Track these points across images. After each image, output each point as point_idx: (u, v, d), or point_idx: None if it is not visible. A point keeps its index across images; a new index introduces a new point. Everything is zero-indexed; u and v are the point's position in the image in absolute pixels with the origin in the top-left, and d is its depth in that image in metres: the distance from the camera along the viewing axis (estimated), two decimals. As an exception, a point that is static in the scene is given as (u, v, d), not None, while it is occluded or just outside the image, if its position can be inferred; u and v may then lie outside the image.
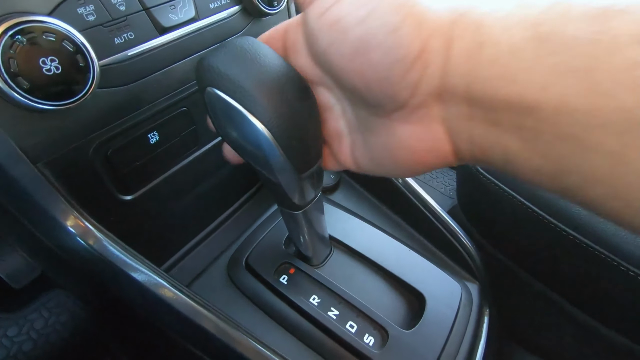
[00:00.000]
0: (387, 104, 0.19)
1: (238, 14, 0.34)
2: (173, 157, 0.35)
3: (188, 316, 0.27)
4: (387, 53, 0.17)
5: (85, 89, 0.24)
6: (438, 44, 0.16)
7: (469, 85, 0.16)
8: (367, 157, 0.23)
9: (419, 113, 0.18)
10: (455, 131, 0.18)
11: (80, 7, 0.24)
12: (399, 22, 0.16)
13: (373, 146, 0.22)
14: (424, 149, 0.20)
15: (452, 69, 0.16)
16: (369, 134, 0.22)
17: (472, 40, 0.16)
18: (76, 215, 0.26)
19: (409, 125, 0.19)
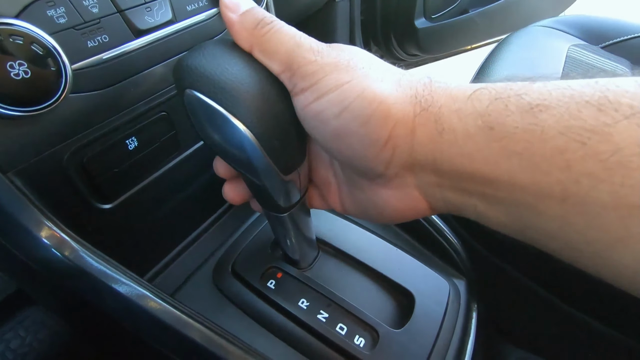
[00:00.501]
0: (367, 173, 0.23)
1: (217, 16, 0.34)
2: (153, 163, 0.34)
3: (174, 327, 0.26)
4: (361, 139, 0.20)
5: (57, 94, 0.23)
6: (403, 131, 0.20)
7: (434, 162, 0.20)
8: (354, 205, 0.27)
9: (396, 181, 0.22)
10: (428, 194, 0.22)
11: (50, 9, 0.23)
12: (367, 117, 0.20)
13: (359, 199, 0.26)
14: (404, 207, 0.23)
15: (417, 149, 0.20)
16: (356, 189, 0.26)
17: (433, 128, 0.19)
18: (50, 225, 0.25)
19: (390, 190, 0.23)
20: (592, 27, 0.75)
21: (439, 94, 0.20)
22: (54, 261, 0.25)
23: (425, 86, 0.21)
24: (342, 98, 0.20)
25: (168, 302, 0.26)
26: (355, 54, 0.22)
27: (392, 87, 0.21)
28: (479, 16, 1.05)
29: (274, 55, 0.22)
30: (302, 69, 0.21)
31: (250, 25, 0.23)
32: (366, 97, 0.20)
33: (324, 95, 0.21)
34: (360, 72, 0.21)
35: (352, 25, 0.97)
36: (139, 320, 0.26)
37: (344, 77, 0.21)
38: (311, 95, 0.21)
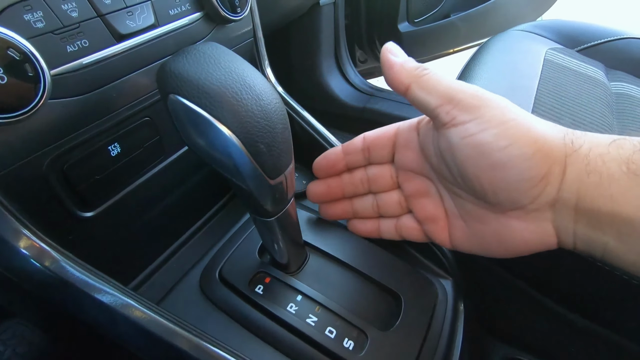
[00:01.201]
0: (507, 205, 0.24)
1: (200, 20, 0.33)
2: (137, 169, 0.34)
3: (160, 336, 0.25)
4: (520, 173, 0.22)
5: (35, 100, 0.22)
6: (557, 170, 0.22)
7: (577, 200, 0.22)
8: (470, 239, 0.29)
9: (533, 215, 0.24)
10: (562, 230, 0.23)
11: (27, 13, 0.22)
12: (532, 153, 0.22)
13: (479, 231, 0.27)
14: (534, 240, 0.25)
15: (565, 188, 0.22)
16: (476, 223, 0.27)
17: (582, 170, 0.21)
18: (29, 235, 0.24)
19: (523, 222, 0.24)
20: (568, 31, 0.78)
21: (583, 138, 0.22)
22: (33, 272, 0.25)
23: (570, 131, 0.23)
24: (509, 133, 0.22)
25: (154, 310, 0.26)
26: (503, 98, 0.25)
27: (549, 129, 0.23)
28: (460, 20, 1.08)
29: (433, 90, 0.25)
30: (465, 102, 0.24)
31: (410, 66, 0.26)
32: (532, 135, 0.22)
33: (490, 129, 0.23)
34: (519, 112, 0.23)
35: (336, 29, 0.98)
36: (124, 330, 0.26)
37: (508, 115, 0.23)
38: (475, 127, 0.23)
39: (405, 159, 0.31)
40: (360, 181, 0.34)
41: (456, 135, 0.24)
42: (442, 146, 0.26)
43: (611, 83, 0.66)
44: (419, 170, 0.30)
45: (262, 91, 0.22)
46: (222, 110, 0.20)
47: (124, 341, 0.27)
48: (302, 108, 0.47)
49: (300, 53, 1.01)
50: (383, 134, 0.32)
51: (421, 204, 0.31)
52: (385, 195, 0.34)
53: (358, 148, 0.33)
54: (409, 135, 0.30)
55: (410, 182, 0.31)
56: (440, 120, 0.25)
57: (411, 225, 0.32)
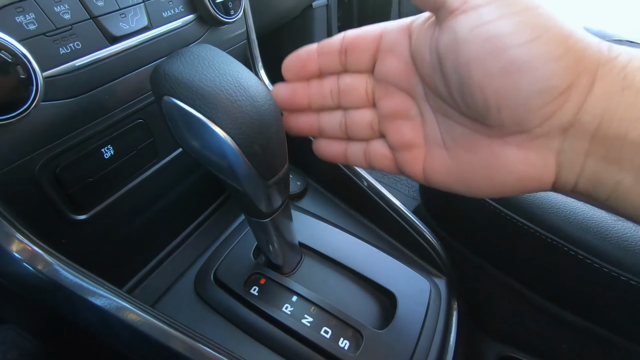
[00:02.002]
0: (509, 127, 0.19)
1: (193, 22, 0.34)
2: (130, 171, 0.34)
3: (155, 338, 0.25)
4: (539, 80, 0.17)
5: (27, 103, 0.22)
6: (584, 82, 0.17)
7: (599, 125, 0.17)
8: (451, 173, 0.23)
9: (538, 141, 0.19)
10: (567, 164, 0.19)
11: (19, 15, 0.22)
12: (562, 53, 0.17)
13: (464, 164, 0.22)
14: (531, 175, 0.20)
15: (588, 108, 0.17)
16: (463, 152, 0.22)
17: (615, 84, 0.17)
18: (21, 238, 0.24)
19: (522, 151, 0.20)
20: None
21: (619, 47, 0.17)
22: (25, 276, 0.24)
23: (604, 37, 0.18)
24: (536, 23, 0.17)
25: (148, 313, 0.26)
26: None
27: (581, 29, 0.18)
28: (451, 23, 1.09)
29: None
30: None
31: None
32: (564, 30, 0.17)
33: (512, 15, 0.17)
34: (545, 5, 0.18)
35: (329, 31, 0.98)
36: (118, 333, 0.26)
37: (534, 2, 0.17)
38: (492, 12, 0.18)
39: (388, 68, 0.25)
40: (330, 92, 0.28)
41: (465, 25, 0.18)
42: (444, 44, 0.20)
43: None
44: (402, 83, 0.25)
45: (257, 93, 0.22)
46: (216, 111, 0.20)
47: (118, 344, 0.27)
48: (296, 110, 0.48)
49: (293, 55, 1.01)
50: (366, 33, 0.26)
51: (397, 126, 0.26)
52: (356, 113, 0.28)
53: (335, 48, 0.27)
54: (397, 37, 0.25)
55: (389, 98, 0.26)
56: (447, 6, 0.19)
57: (382, 152, 0.27)
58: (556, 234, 0.39)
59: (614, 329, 0.40)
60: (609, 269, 0.35)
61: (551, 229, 0.39)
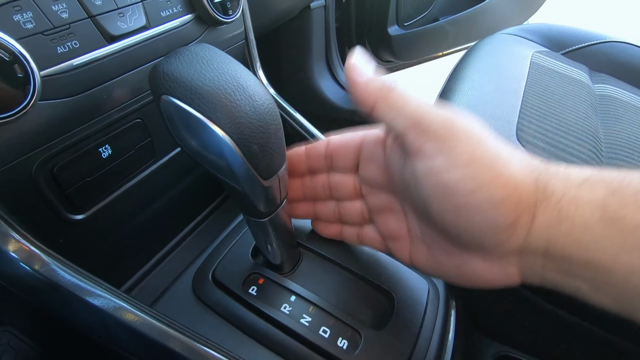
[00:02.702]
0: (471, 247, 0.22)
1: (192, 22, 0.34)
2: (128, 171, 0.33)
3: (154, 338, 0.25)
4: (486, 219, 0.20)
5: (25, 102, 0.22)
6: (526, 218, 0.20)
7: (547, 248, 0.20)
8: (430, 264, 0.27)
9: (499, 260, 0.22)
10: (527, 273, 0.22)
11: (17, 14, 0.22)
12: (502, 199, 0.20)
13: (441, 261, 0.26)
14: (495, 279, 0.23)
15: (533, 235, 0.20)
16: (438, 252, 0.25)
17: (553, 218, 0.20)
18: (18, 238, 0.24)
19: (487, 263, 0.23)
20: (553, 35, 0.80)
21: (555, 179, 0.20)
22: (22, 276, 0.24)
23: (543, 170, 0.21)
24: (478, 175, 0.20)
25: (147, 313, 0.25)
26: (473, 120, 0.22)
27: (520, 171, 0.21)
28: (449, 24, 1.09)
29: (401, 111, 0.22)
30: (434, 129, 0.21)
31: (375, 85, 0.23)
32: (502, 179, 0.20)
33: (457, 169, 0.20)
34: (491, 148, 0.21)
35: (327, 32, 0.98)
36: (116, 333, 0.26)
37: (479, 152, 0.20)
38: (442, 164, 0.21)
39: (370, 174, 0.28)
40: (322, 187, 0.32)
41: (421, 170, 0.22)
42: (407, 176, 0.23)
43: (595, 85, 0.68)
44: (384, 186, 0.28)
45: (255, 92, 0.22)
46: (215, 111, 0.20)
47: (117, 345, 0.27)
48: (294, 110, 0.48)
49: (291, 56, 1.01)
50: (348, 142, 0.29)
51: (384, 219, 0.29)
52: (348, 204, 0.32)
53: (321, 154, 0.31)
54: (374, 149, 0.28)
55: (374, 196, 0.29)
56: (406, 147, 0.23)
57: (373, 236, 0.31)
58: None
59: (612, 329, 0.40)
60: (605, 268, 0.36)
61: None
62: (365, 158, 0.29)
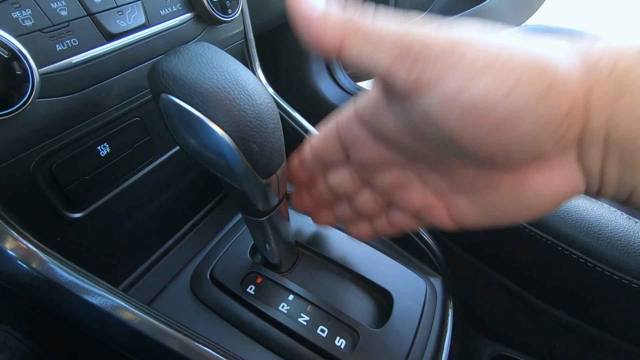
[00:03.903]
0: (523, 162, 0.18)
1: (191, 20, 0.33)
2: (126, 169, 0.33)
3: (151, 336, 0.25)
4: (538, 120, 0.16)
5: (23, 99, 0.22)
6: (581, 96, 0.16)
7: (607, 129, 0.16)
8: (479, 213, 0.22)
9: (557, 160, 0.18)
10: (589, 170, 0.18)
11: (15, 11, 0.22)
12: (545, 89, 0.15)
13: (489, 202, 0.21)
14: (564, 191, 0.19)
15: (593, 116, 0.16)
16: (483, 192, 0.21)
17: (611, 89, 0.16)
18: (16, 236, 0.24)
19: (547, 173, 0.19)
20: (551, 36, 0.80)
21: (602, 47, 0.16)
22: (20, 274, 0.24)
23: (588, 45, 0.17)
24: (506, 73, 0.15)
25: (145, 311, 0.25)
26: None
27: (558, 50, 0.16)
28: (447, 25, 1.10)
29: (380, 42, 0.17)
30: (431, 48, 0.16)
31: (338, 15, 0.18)
32: (536, 63, 0.16)
33: (479, 77, 0.16)
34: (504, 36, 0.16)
35: (326, 31, 0.98)
36: (114, 332, 0.26)
37: (494, 46, 0.16)
38: (456, 81, 0.16)
39: (361, 156, 0.25)
40: (325, 190, 0.30)
41: (433, 104, 0.17)
42: (416, 122, 0.19)
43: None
44: (383, 162, 0.24)
45: (255, 91, 0.22)
46: (214, 109, 0.20)
47: (114, 343, 0.27)
48: (293, 109, 0.48)
49: (289, 55, 1.01)
50: (326, 136, 0.26)
51: (402, 196, 0.25)
52: (358, 198, 0.29)
53: (309, 157, 0.28)
54: (351, 131, 0.24)
55: (377, 178, 0.25)
56: (400, 87, 0.18)
57: (403, 218, 0.27)
58: (550, 233, 0.39)
59: (607, 328, 0.41)
60: (602, 268, 0.36)
61: (545, 229, 0.39)
62: (348, 143, 0.25)
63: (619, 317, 0.39)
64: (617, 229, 0.37)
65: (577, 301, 0.42)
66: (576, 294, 0.41)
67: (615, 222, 0.37)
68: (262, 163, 0.24)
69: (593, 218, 0.38)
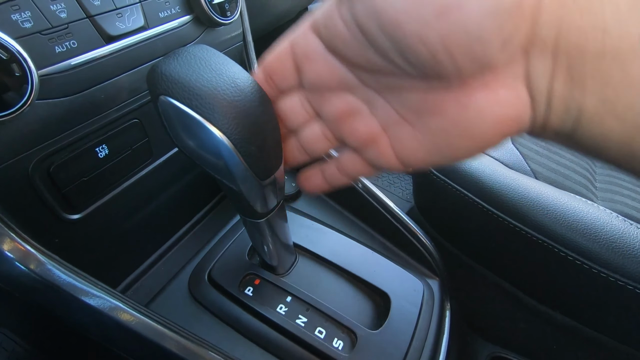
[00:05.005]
0: (468, 69, 0.17)
1: (190, 23, 0.34)
2: (125, 171, 0.33)
3: (149, 338, 0.25)
4: (483, 4, 0.15)
5: (22, 100, 0.22)
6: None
7: (558, 36, 0.15)
8: (425, 146, 0.21)
9: (504, 73, 0.17)
10: (537, 90, 0.17)
11: (15, 13, 0.22)
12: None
13: (436, 130, 0.20)
14: (509, 114, 0.18)
15: (543, 18, 0.15)
16: (429, 118, 0.20)
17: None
18: (14, 237, 0.24)
19: (492, 91, 0.18)
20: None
21: None
22: (18, 275, 0.24)
23: None
24: None
25: (142, 312, 0.25)
26: None
27: None
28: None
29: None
30: None
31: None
32: None
33: None
34: None
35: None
36: (112, 333, 0.26)
37: None
38: None
39: (313, 74, 0.23)
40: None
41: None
42: (361, 15, 0.18)
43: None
44: (331, 82, 0.23)
45: (253, 93, 0.22)
46: (213, 111, 0.21)
47: (112, 344, 0.27)
48: (291, 111, 0.48)
49: (288, 57, 1.01)
50: (279, 52, 0.24)
51: (348, 127, 0.24)
52: (306, 131, 0.26)
53: (262, 79, 0.26)
54: (305, 40, 0.23)
55: (327, 104, 0.24)
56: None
57: (353, 159, 0.26)
58: (546, 235, 0.39)
59: (603, 329, 0.41)
60: (597, 270, 0.36)
61: (542, 231, 0.40)
62: (300, 57, 0.23)
63: (615, 319, 0.39)
64: (613, 232, 0.37)
65: (574, 303, 0.42)
66: (572, 295, 0.41)
67: (611, 224, 0.38)
68: (261, 165, 0.24)
69: (589, 220, 0.38)
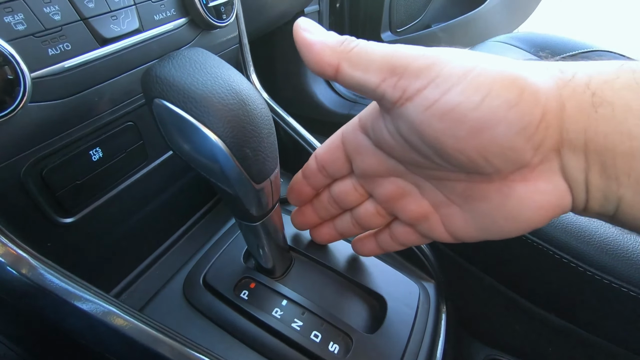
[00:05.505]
0: (507, 169, 0.19)
1: (185, 26, 0.34)
2: (119, 174, 0.33)
3: (143, 343, 0.25)
4: (511, 125, 0.17)
5: (15, 103, 0.22)
6: (555, 106, 0.17)
7: (586, 141, 0.17)
8: (472, 226, 0.24)
9: (540, 168, 0.19)
10: (574, 181, 0.19)
11: (8, 15, 0.22)
12: (516, 97, 0.17)
13: (480, 213, 0.23)
14: (550, 200, 0.20)
15: (568, 126, 0.17)
16: (474, 202, 0.23)
17: (586, 101, 0.17)
18: (5, 241, 0.23)
19: (531, 184, 0.20)
20: (541, 44, 0.82)
21: (576, 65, 0.18)
22: (9, 280, 0.24)
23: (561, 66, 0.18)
24: (480, 82, 0.17)
25: (136, 317, 0.25)
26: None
27: (522, 63, 0.18)
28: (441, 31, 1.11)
29: (370, 65, 0.20)
30: (413, 66, 0.19)
31: (334, 42, 0.21)
32: (508, 75, 0.17)
33: (454, 87, 0.18)
34: (480, 56, 0.18)
35: (321, 36, 0.99)
36: (105, 338, 0.25)
37: (469, 63, 0.18)
38: (435, 91, 0.18)
39: (363, 165, 0.27)
40: (329, 203, 0.31)
41: (415, 110, 0.19)
42: (403, 130, 0.21)
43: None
44: (383, 171, 0.26)
45: (248, 96, 0.22)
46: (208, 115, 0.21)
47: (106, 350, 0.26)
48: (287, 114, 0.48)
49: (285, 60, 1.01)
50: (331, 146, 0.28)
51: (402, 206, 0.27)
52: (360, 210, 0.30)
53: (314, 170, 0.30)
54: (356, 138, 0.26)
55: (379, 187, 0.27)
56: (388, 99, 0.20)
57: (405, 230, 0.29)
58: (542, 238, 0.40)
59: (598, 331, 0.41)
60: (592, 273, 0.36)
61: (536, 233, 0.40)
62: (352, 152, 0.27)
63: (610, 321, 0.39)
64: (606, 235, 0.37)
65: (569, 305, 0.42)
66: (568, 298, 0.41)
67: (605, 227, 0.38)
68: (256, 168, 0.24)
69: (583, 223, 0.38)
